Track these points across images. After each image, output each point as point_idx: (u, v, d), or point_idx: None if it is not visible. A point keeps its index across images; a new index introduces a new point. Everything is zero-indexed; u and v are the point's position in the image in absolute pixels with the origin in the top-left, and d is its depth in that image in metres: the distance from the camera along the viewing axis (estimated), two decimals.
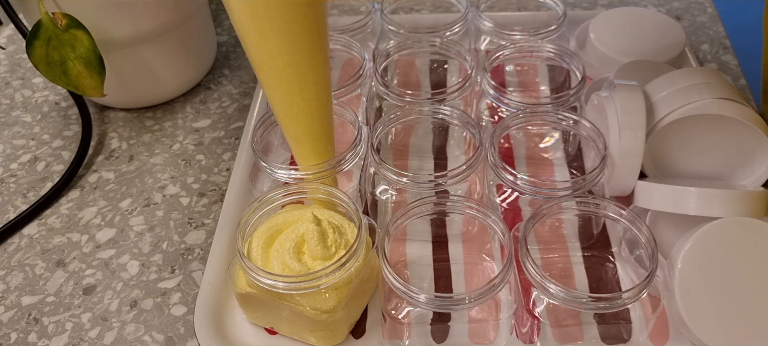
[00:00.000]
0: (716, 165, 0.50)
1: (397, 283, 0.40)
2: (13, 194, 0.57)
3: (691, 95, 0.48)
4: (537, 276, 0.40)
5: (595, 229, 0.49)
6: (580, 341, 0.43)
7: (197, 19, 0.63)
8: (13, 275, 0.51)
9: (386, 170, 0.46)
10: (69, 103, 0.66)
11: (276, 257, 0.42)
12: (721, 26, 0.70)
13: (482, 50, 0.60)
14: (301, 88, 0.43)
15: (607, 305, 0.39)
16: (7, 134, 0.63)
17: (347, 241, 0.42)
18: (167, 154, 0.60)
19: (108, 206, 0.56)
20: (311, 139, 0.45)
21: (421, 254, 0.49)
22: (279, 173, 0.47)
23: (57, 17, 0.53)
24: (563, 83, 0.59)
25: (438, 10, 0.74)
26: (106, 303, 0.49)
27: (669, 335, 0.43)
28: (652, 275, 0.39)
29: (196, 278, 0.50)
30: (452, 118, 0.51)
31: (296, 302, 0.41)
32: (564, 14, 0.59)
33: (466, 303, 0.39)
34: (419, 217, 0.45)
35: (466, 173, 0.46)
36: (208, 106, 0.65)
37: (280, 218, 0.44)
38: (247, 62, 0.69)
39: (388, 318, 0.42)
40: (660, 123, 0.49)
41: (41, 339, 0.47)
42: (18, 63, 0.72)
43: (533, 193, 0.45)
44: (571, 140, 0.55)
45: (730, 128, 0.48)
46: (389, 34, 0.59)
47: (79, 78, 0.55)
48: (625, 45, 0.59)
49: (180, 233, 0.53)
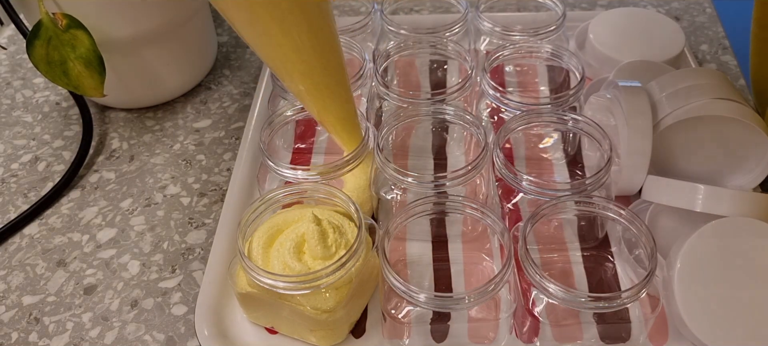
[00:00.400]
0: (715, 164, 0.50)
1: (397, 282, 0.40)
2: (14, 193, 0.58)
3: (691, 96, 0.48)
4: (536, 276, 0.40)
5: (594, 228, 0.49)
6: (580, 340, 0.43)
7: (198, 19, 0.63)
8: (13, 274, 0.51)
9: (391, 170, 0.46)
10: (70, 104, 0.66)
11: (276, 257, 0.42)
12: (721, 26, 0.71)
13: (482, 51, 0.60)
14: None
15: (606, 305, 0.39)
16: (8, 134, 0.63)
17: (347, 241, 0.42)
18: (168, 155, 0.60)
19: (109, 205, 0.56)
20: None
21: (421, 253, 0.49)
22: (286, 173, 0.47)
23: (57, 17, 0.53)
24: (563, 84, 0.59)
25: (437, 10, 0.74)
26: (106, 303, 0.49)
27: (668, 335, 0.43)
28: (651, 275, 0.39)
29: (196, 278, 0.50)
30: (456, 119, 0.51)
31: (297, 302, 0.41)
32: (563, 15, 0.59)
33: (465, 303, 0.39)
34: (419, 217, 0.45)
35: (472, 174, 0.46)
36: (208, 106, 0.65)
37: (280, 218, 0.44)
38: (248, 63, 0.70)
39: (388, 318, 0.42)
40: (660, 124, 0.49)
41: (42, 339, 0.47)
42: (19, 63, 0.72)
43: (539, 194, 0.45)
44: (570, 140, 0.55)
45: (730, 128, 0.48)
46: (389, 35, 0.60)
47: (79, 78, 0.55)
48: (625, 45, 0.59)
49: (180, 232, 0.53)
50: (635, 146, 0.47)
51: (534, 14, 0.67)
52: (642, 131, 0.47)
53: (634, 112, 0.48)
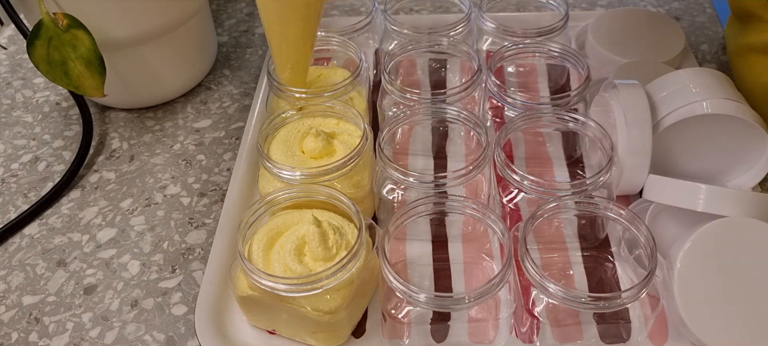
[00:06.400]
0: (715, 163, 0.50)
1: (397, 283, 0.40)
2: (14, 193, 0.58)
3: (691, 96, 0.48)
4: (536, 276, 0.40)
5: (594, 228, 0.49)
6: (580, 340, 0.43)
7: (198, 19, 0.63)
8: (14, 274, 0.51)
9: (393, 170, 0.46)
10: (70, 104, 0.66)
11: (277, 259, 0.42)
12: (721, 26, 0.71)
13: (483, 50, 0.60)
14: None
15: (606, 305, 0.39)
16: (8, 134, 0.63)
17: (348, 242, 0.42)
18: (168, 155, 0.60)
19: (109, 205, 0.56)
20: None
21: (421, 253, 0.49)
22: (285, 175, 0.47)
23: (58, 17, 0.53)
24: (566, 83, 0.59)
25: (438, 10, 0.74)
26: (106, 303, 0.49)
27: (668, 335, 0.43)
28: (651, 275, 0.39)
29: (196, 278, 0.50)
30: (458, 118, 0.51)
31: (298, 304, 0.41)
32: (566, 15, 0.59)
33: (465, 303, 0.39)
34: (419, 217, 0.45)
35: (473, 174, 0.46)
36: (208, 106, 0.65)
37: (280, 220, 0.44)
38: (248, 63, 0.70)
39: (388, 318, 0.42)
40: (660, 124, 0.49)
41: (42, 339, 0.47)
42: (19, 63, 0.73)
43: (541, 194, 0.45)
44: (571, 140, 0.55)
45: (729, 127, 0.48)
46: (393, 35, 0.60)
47: (79, 78, 0.55)
48: (624, 45, 0.59)
49: (181, 232, 0.53)
50: (636, 147, 0.47)
51: (536, 14, 0.67)
52: (642, 131, 0.47)
53: (634, 112, 0.48)
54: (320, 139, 0.48)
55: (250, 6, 0.78)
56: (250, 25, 0.75)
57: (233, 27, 0.75)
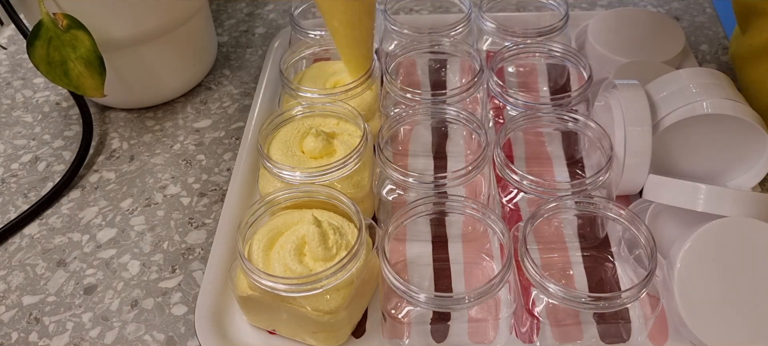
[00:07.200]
0: (715, 163, 0.50)
1: (397, 283, 0.40)
2: (14, 193, 0.58)
3: (691, 96, 0.48)
4: (536, 276, 0.40)
5: (594, 228, 0.49)
6: (580, 340, 0.43)
7: (198, 19, 0.63)
8: (14, 274, 0.51)
9: (393, 171, 0.46)
10: (70, 104, 0.66)
11: (277, 259, 0.42)
12: (721, 26, 0.71)
13: (484, 50, 0.60)
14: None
15: (606, 305, 0.39)
16: (8, 134, 0.63)
17: (348, 242, 0.42)
18: (168, 155, 0.60)
19: (109, 205, 0.56)
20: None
21: (421, 253, 0.49)
22: (285, 175, 0.47)
23: (58, 17, 0.53)
24: (566, 83, 0.59)
25: (437, 10, 0.74)
26: (106, 303, 0.49)
27: (668, 335, 0.43)
28: (651, 275, 0.39)
29: (196, 278, 0.50)
30: (458, 119, 0.51)
31: (298, 304, 0.41)
32: (566, 15, 0.59)
33: (465, 303, 0.39)
34: (419, 217, 0.45)
35: (473, 174, 0.46)
36: (208, 106, 0.65)
37: (280, 220, 0.44)
38: (248, 63, 0.70)
39: (388, 318, 0.42)
40: (660, 124, 0.49)
41: (42, 339, 0.47)
42: (19, 63, 0.73)
43: (541, 194, 0.45)
44: (571, 140, 0.55)
45: (729, 127, 0.48)
46: (393, 35, 0.60)
47: (79, 78, 0.55)
48: (624, 45, 0.59)
49: (181, 232, 0.53)
50: (636, 147, 0.47)
51: (536, 14, 0.67)
52: (642, 131, 0.47)
53: (634, 112, 0.48)
54: (320, 139, 0.48)
55: (251, 6, 0.78)
56: (250, 25, 0.75)
57: (233, 27, 0.75)
